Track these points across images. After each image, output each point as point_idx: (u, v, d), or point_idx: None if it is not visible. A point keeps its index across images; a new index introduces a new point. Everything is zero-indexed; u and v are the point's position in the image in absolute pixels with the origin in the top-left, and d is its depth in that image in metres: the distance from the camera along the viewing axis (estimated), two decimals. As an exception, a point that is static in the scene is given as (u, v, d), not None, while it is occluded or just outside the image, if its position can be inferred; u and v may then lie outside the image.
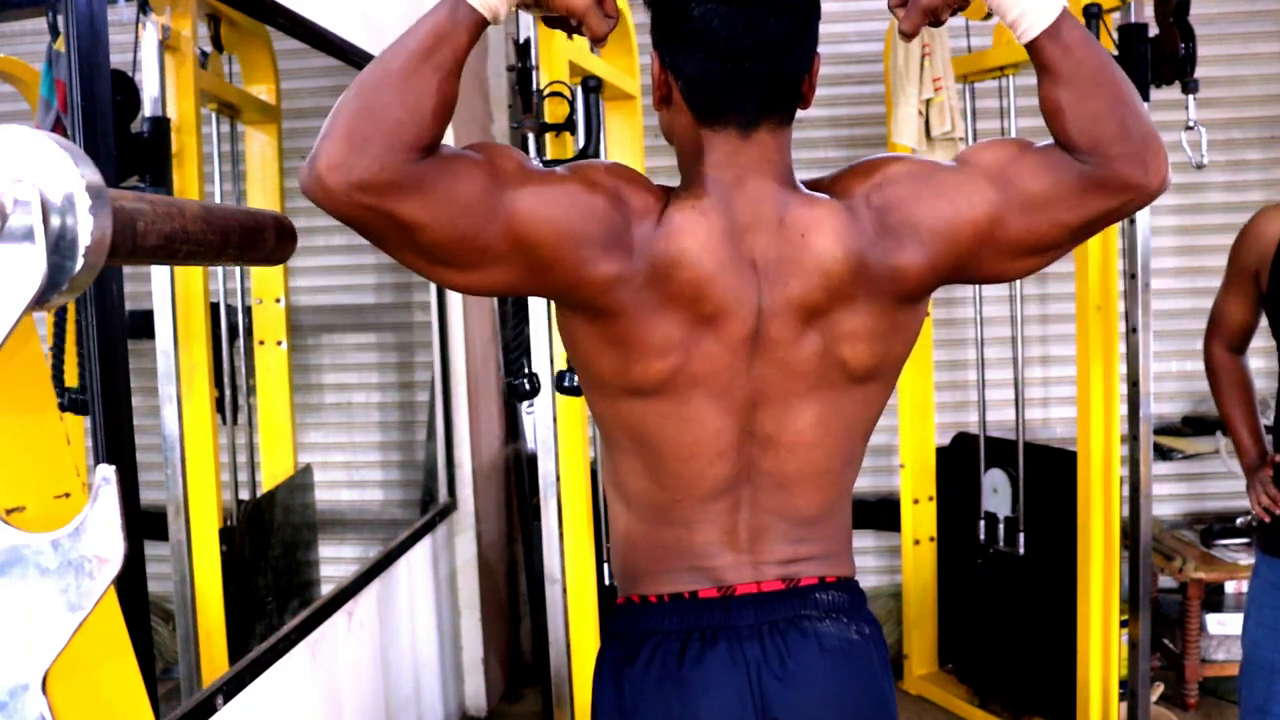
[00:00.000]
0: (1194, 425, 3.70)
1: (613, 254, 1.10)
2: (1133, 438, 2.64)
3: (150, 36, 1.82)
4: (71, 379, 1.63)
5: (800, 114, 1.21)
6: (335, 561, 2.86)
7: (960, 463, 3.39)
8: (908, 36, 1.19)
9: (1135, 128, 1.11)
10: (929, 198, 1.16)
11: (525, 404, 3.46)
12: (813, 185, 1.20)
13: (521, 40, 2.15)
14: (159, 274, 1.90)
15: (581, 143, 2.29)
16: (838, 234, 1.15)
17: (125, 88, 1.71)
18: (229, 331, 2.50)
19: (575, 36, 1.30)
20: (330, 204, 1.01)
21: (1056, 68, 1.11)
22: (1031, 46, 1.12)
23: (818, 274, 1.14)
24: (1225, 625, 3.34)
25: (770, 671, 1.20)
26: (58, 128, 1.56)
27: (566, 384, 2.17)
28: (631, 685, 1.23)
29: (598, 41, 1.13)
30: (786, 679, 1.20)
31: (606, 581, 2.72)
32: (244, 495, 2.56)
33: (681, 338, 1.14)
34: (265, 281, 2.58)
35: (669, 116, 1.22)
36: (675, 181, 1.22)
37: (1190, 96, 2.46)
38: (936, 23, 1.17)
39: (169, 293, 1.90)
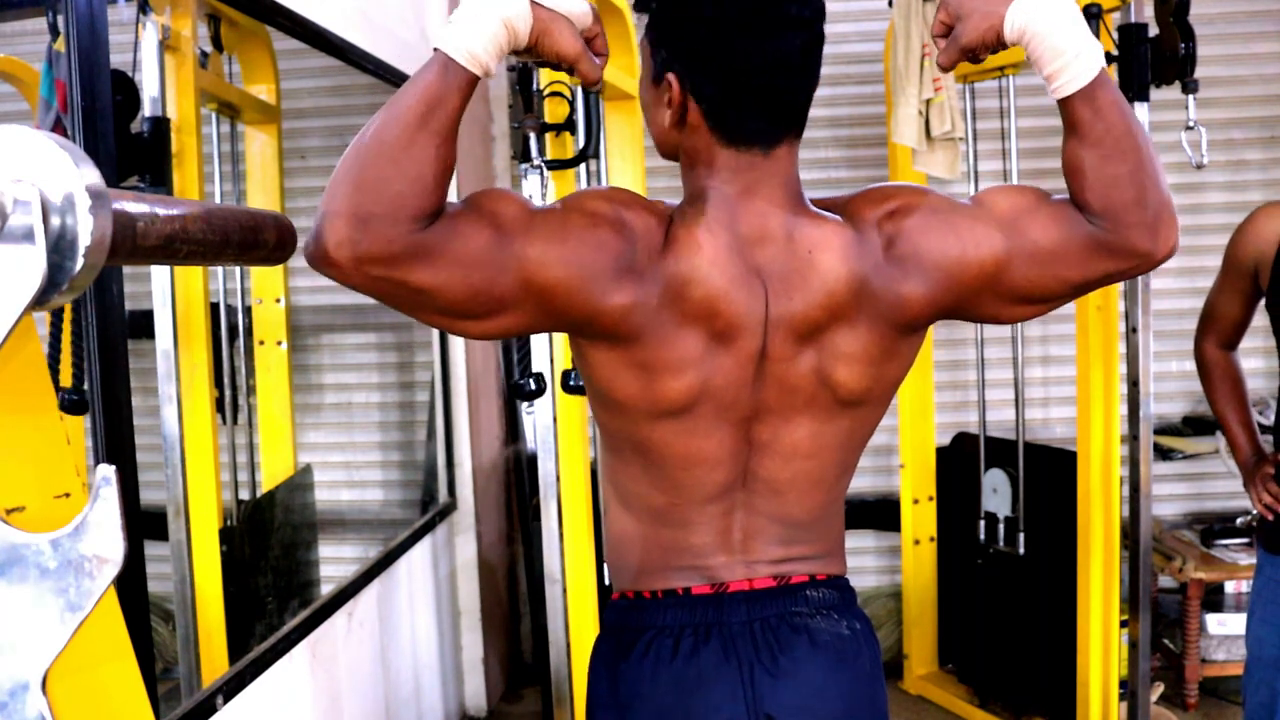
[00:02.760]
0: (1194, 425, 3.70)
1: (624, 283, 1.10)
2: (1133, 438, 2.64)
3: (150, 36, 1.82)
4: (65, 379, 1.63)
5: None
6: (335, 561, 2.86)
7: (960, 463, 3.39)
8: (944, 69, 1.21)
9: (1152, 197, 1.13)
10: (939, 233, 1.17)
11: (525, 404, 3.47)
12: (825, 204, 1.20)
13: (521, 40, 2.15)
14: (159, 274, 1.90)
15: (581, 143, 2.29)
16: (843, 254, 1.15)
17: (125, 88, 1.71)
18: (229, 331, 2.50)
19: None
20: (341, 278, 1.02)
21: (1085, 128, 1.12)
22: (1063, 103, 1.13)
23: (821, 292, 1.15)
24: (1225, 625, 3.34)
25: (762, 667, 1.22)
26: (58, 128, 1.56)
27: (572, 383, 2.17)
28: (625, 679, 1.24)
29: (592, 85, 1.12)
30: (778, 674, 1.21)
31: (606, 581, 2.71)
32: (244, 495, 2.56)
33: (699, 355, 1.14)
34: (265, 281, 2.58)
35: (679, 137, 1.20)
36: (675, 182, 1.22)
37: (1190, 96, 2.46)
38: (974, 60, 1.18)
39: (169, 293, 1.90)
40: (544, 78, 2.20)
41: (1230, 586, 3.41)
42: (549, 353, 2.24)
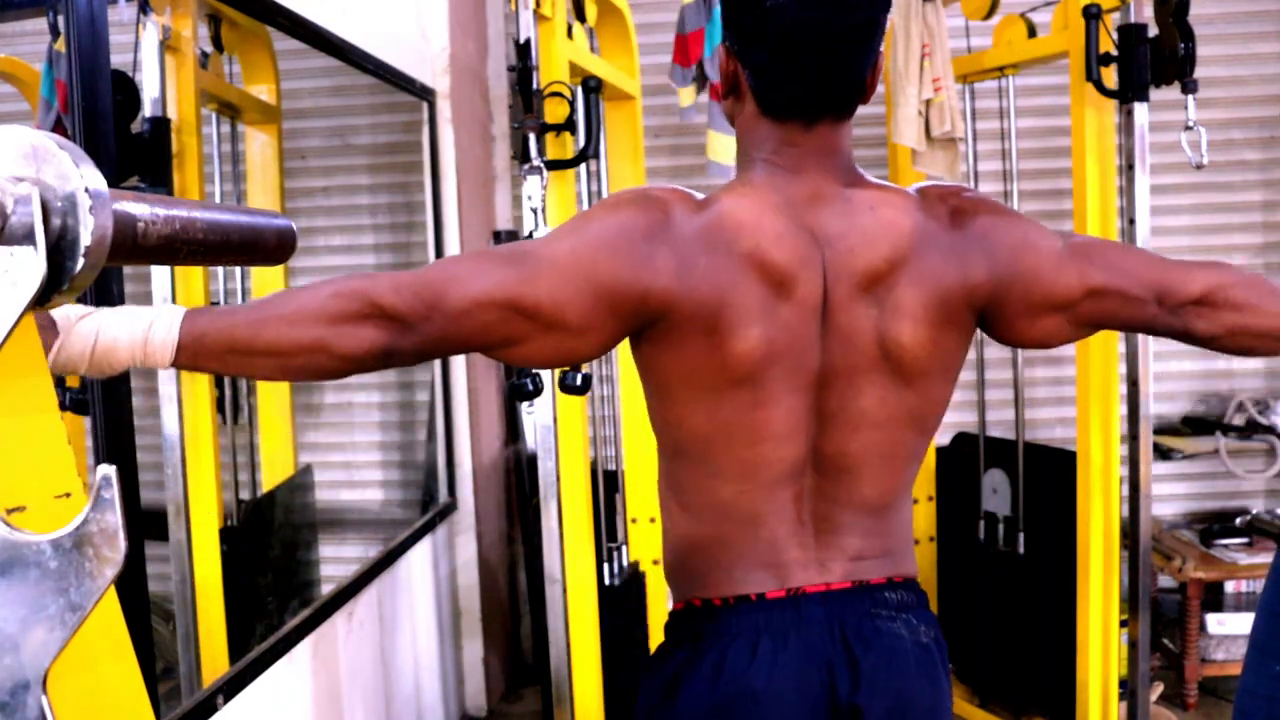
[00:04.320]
0: (1194, 425, 3.70)
1: (663, 248, 1.11)
2: (1132, 438, 2.64)
3: (150, 37, 1.82)
4: (73, 379, 1.63)
5: None
6: (335, 561, 2.86)
7: (960, 463, 3.39)
8: None
9: None
10: (1006, 219, 1.21)
11: (525, 404, 3.46)
12: None
13: (521, 40, 2.15)
14: (159, 274, 1.90)
15: (581, 143, 2.29)
16: (908, 212, 1.17)
17: (125, 88, 1.71)
18: (229, 331, 2.49)
19: (574, 35, 1.32)
20: (410, 358, 1.09)
21: None
22: None
23: (885, 243, 1.15)
24: (1225, 625, 3.35)
25: (843, 671, 1.18)
26: (58, 128, 1.57)
27: (568, 383, 2.17)
28: (697, 687, 1.19)
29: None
30: (860, 679, 1.18)
31: (606, 581, 2.71)
32: (244, 495, 2.56)
33: (759, 308, 1.12)
34: (265, 281, 2.58)
35: (731, 106, 1.23)
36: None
37: (1190, 96, 2.46)
38: None
39: (169, 293, 1.90)
40: (544, 77, 2.20)
41: (1230, 586, 3.41)
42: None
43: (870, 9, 1.14)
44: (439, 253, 3.21)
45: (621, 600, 2.73)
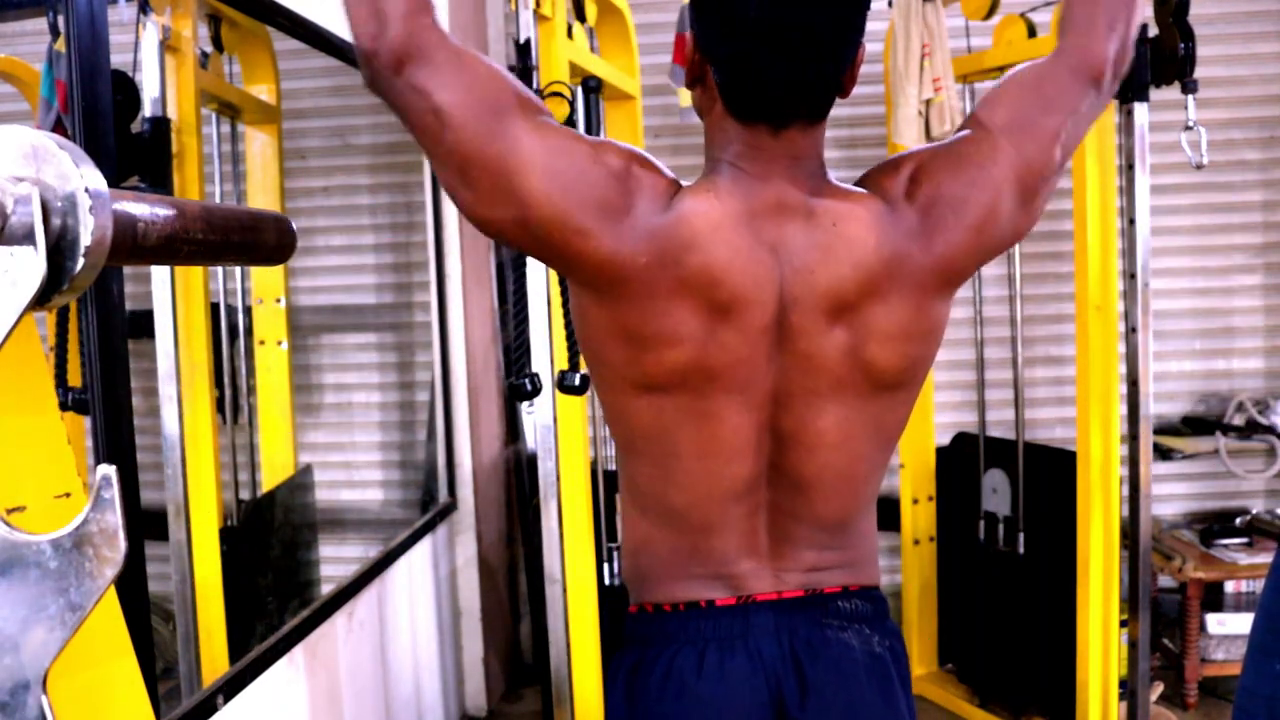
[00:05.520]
0: (1194, 425, 3.70)
1: (607, 228, 1.06)
2: (1132, 438, 2.64)
3: (150, 37, 1.82)
4: (75, 378, 1.63)
5: None
6: (335, 561, 2.87)
7: (960, 463, 3.39)
8: None
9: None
10: (966, 179, 1.13)
11: (525, 404, 3.46)
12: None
13: (521, 40, 2.15)
14: (159, 274, 1.90)
15: (581, 143, 2.28)
16: (871, 225, 1.11)
17: (125, 88, 1.71)
18: (229, 331, 2.50)
19: (574, 35, 1.31)
20: (374, 78, 1.07)
21: None
22: None
23: (848, 264, 1.10)
24: (1225, 625, 3.35)
25: (791, 680, 1.17)
26: (58, 128, 1.57)
27: (566, 383, 2.17)
28: (647, 695, 1.19)
29: None
30: (807, 690, 1.16)
31: (606, 581, 2.71)
32: (244, 495, 2.56)
33: (695, 327, 1.09)
34: (265, 281, 2.58)
35: (700, 97, 1.17)
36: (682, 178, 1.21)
37: (1190, 96, 2.46)
38: None
39: (169, 293, 1.90)
40: (544, 77, 2.20)
41: (1230, 586, 3.41)
42: (549, 352, 2.25)
43: (844, 6, 1.09)
44: (439, 253, 3.21)
45: (621, 600, 2.73)
